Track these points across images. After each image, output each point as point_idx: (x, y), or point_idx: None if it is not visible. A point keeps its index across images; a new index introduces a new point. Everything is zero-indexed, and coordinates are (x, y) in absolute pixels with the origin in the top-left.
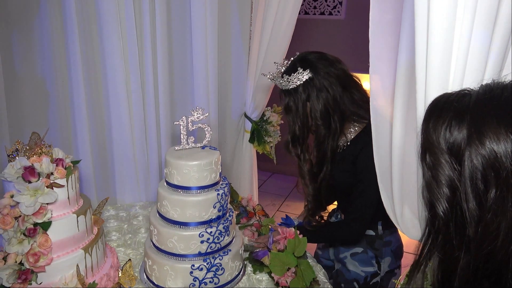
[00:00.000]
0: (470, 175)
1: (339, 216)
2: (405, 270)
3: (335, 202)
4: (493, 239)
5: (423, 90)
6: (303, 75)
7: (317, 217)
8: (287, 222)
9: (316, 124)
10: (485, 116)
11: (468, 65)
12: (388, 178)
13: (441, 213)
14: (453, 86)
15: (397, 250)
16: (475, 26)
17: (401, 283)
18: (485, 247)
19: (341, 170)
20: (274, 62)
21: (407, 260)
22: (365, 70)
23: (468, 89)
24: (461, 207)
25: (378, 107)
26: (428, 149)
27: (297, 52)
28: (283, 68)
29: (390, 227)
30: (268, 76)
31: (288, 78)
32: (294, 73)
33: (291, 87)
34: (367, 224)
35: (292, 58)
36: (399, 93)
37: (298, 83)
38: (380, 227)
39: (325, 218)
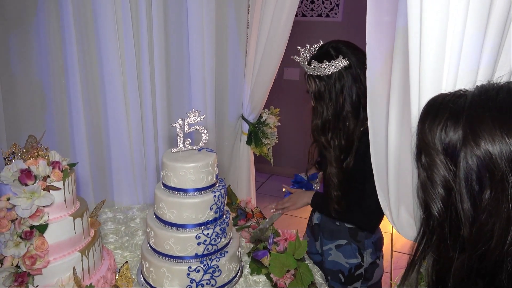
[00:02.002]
0: (465, 175)
1: None
2: (400, 271)
3: None
4: (487, 240)
5: (417, 92)
6: (342, 63)
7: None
8: (297, 180)
9: (347, 112)
10: (480, 117)
11: (461, 66)
12: (384, 179)
13: (436, 213)
14: (446, 88)
15: (377, 242)
16: (467, 28)
17: (397, 283)
18: (479, 248)
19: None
20: (298, 47)
21: (403, 261)
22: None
23: (463, 90)
24: (456, 208)
25: (374, 108)
26: (423, 149)
27: (295, 56)
28: (307, 53)
29: None
30: (300, 60)
31: (327, 64)
32: (333, 60)
33: (326, 73)
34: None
35: (318, 45)
36: (395, 95)
37: (335, 70)
38: None
39: None
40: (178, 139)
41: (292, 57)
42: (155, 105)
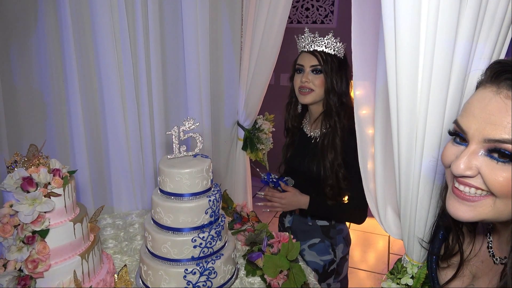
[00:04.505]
0: None
1: None
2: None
3: None
4: None
5: (394, 97)
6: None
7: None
8: (269, 180)
9: (347, 93)
10: None
11: (434, 70)
12: (371, 181)
13: None
14: (421, 90)
15: (347, 237)
16: (439, 31)
17: (386, 281)
18: None
19: None
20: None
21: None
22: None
23: None
24: None
25: (361, 114)
26: None
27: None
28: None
29: None
30: (308, 34)
31: (340, 43)
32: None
33: (335, 50)
34: None
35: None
36: (379, 100)
37: (341, 50)
38: None
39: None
40: (174, 146)
41: (297, 36)
42: (152, 113)
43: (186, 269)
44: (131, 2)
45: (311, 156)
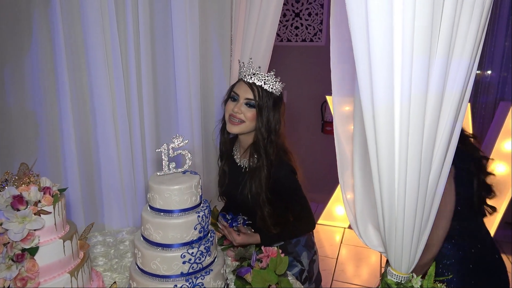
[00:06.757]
0: None
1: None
2: None
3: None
4: None
5: (371, 115)
6: (280, 88)
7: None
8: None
9: (277, 130)
10: None
11: (413, 90)
12: (351, 200)
13: None
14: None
15: (308, 242)
16: (415, 53)
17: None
18: None
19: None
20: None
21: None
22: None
23: None
24: None
25: (340, 133)
26: None
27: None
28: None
29: None
30: (251, 66)
31: (278, 82)
32: (279, 82)
33: (272, 88)
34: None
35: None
36: (358, 117)
37: (277, 89)
38: None
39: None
40: (164, 163)
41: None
42: (143, 130)
43: (176, 285)
44: (123, 23)
45: (244, 186)
